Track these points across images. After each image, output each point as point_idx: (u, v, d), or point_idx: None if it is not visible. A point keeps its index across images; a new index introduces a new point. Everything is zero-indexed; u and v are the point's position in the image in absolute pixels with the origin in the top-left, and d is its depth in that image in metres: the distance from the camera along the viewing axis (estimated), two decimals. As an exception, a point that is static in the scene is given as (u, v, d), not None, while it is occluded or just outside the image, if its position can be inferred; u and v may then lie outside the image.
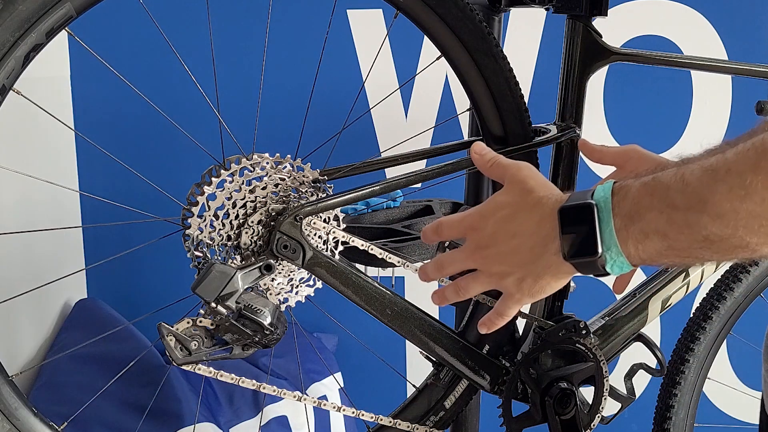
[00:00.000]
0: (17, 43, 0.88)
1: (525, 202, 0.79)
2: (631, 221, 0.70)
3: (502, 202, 0.81)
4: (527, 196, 0.79)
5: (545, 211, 0.77)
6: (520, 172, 0.82)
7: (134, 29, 1.78)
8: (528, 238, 0.78)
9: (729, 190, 0.64)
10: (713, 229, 0.66)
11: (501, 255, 0.80)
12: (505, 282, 0.81)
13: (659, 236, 0.69)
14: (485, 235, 0.81)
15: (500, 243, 0.79)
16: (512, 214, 0.79)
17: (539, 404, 1.15)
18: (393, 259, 1.10)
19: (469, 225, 0.83)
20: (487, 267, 0.82)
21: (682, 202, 0.67)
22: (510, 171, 0.82)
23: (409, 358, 1.94)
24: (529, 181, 0.80)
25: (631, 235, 0.71)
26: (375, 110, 1.79)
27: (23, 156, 1.67)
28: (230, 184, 1.01)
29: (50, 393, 1.59)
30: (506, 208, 0.80)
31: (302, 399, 1.10)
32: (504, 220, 0.79)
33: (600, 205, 0.72)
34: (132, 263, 1.91)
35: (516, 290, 0.81)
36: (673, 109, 1.88)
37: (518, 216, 0.79)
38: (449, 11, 1.03)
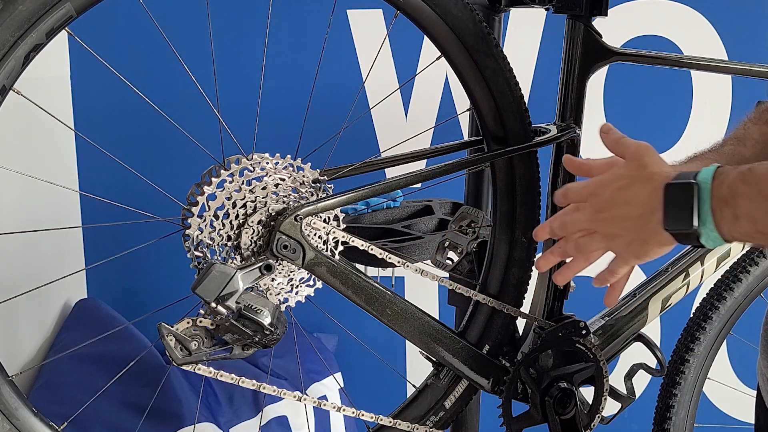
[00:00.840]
0: (17, 43, 0.88)
1: (640, 175, 0.88)
2: (726, 204, 0.79)
3: (621, 174, 0.90)
4: (643, 170, 0.89)
5: (655, 185, 0.86)
6: (640, 149, 0.91)
7: (134, 29, 1.78)
8: (638, 207, 0.87)
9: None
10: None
11: (615, 219, 0.90)
12: (616, 243, 0.91)
13: (749, 220, 0.78)
14: (603, 200, 0.91)
15: (615, 208, 0.90)
16: (628, 185, 0.89)
17: (539, 404, 1.15)
18: (393, 259, 1.10)
19: (592, 191, 0.93)
20: (602, 228, 0.92)
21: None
22: (631, 149, 0.92)
23: (409, 358, 1.94)
24: (646, 157, 0.90)
25: (724, 216, 0.80)
26: (375, 110, 1.79)
27: (23, 156, 1.67)
28: (230, 184, 1.01)
29: (50, 393, 1.59)
30: (624, 179, 0.90)
31: (302, 399, 1.10)
32: (620, 189, 0.89)
33: (701, 185, 0.81)
34: (132, 263, 1.91)
35: (625, 251, 0.91)
36: (673, 109, 1.88)
37: (633, 187, 0.88)
38: (449, 11, 1.03)
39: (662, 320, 1.89)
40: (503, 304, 1.15)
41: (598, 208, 0.92)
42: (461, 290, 1.15)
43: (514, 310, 1.16)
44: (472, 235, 1.26)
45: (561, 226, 0.98)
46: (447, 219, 1.42)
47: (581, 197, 0.95)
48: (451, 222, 1.32)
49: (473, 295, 1.15)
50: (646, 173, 0.88)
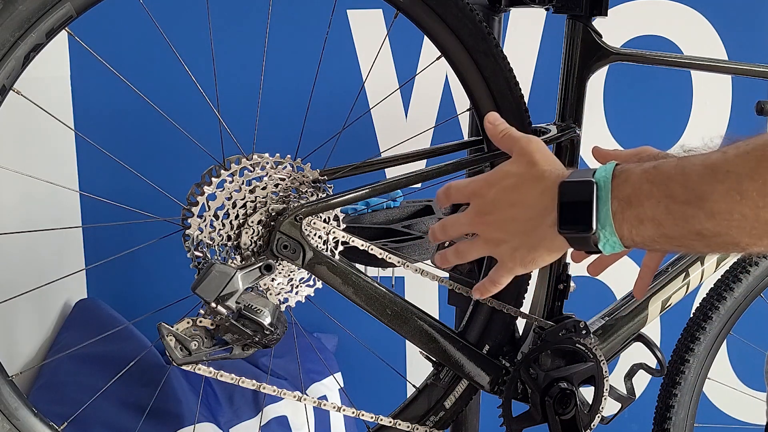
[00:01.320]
0: (17, 43, 0.88)
1: (529, 173, 0.82)
2: (629, 205, 0.72)
3: (507, 172, 0.84)
4: (532, 168, 0.82)
5: (547, 184, 0.79)
6: (530, 145, 0.84)
7: (134, 29, 1.78)
8: (527, 209, 0.80)
9: (726, 191, 0.66)
10: (707, 225, 0.68)
11: (499, 222, 0.83)
12: (500, 249, 0.84)
13: (654, 224, 0.71)
14: (487, 202, 0.84)
15: (500, 210, 0.82)
16: (515, 184, 0.82)
17: (539, 404, 1.15)
18: (393, 259, 1.10)
19: (474, 190, 0.86)
20: (485, 233, 0.85)
21: (680, 195, 0.69)
22: (519, 143, 0.85)
23: (409, 358, 1.94)
24: (536, 154, 0.83)
25: (626, 218, 0.73)
26: (375, 110, 1.79)
27: (23, 156, 1.67)
28: (230, 184, 1.01)
29: (50, 393, 1.59)
30: (510, 177, 0.83)
31: (302, 399, 1.10)
32: (507, 189, 0.82)
33: (600, 184, 0.74)
34: (132, 263, 1.91)
35: (509, 259, 0.84)
36: (673, 109, 1.88)
37: (521, 186, 0.81)
38: (449, 11, 1.03)
39: (662, 320, 1.89)
40: (503, 304, 1.15)
41: (480, 209, 0.85)
42: (461, 290, 1.15)
43: (514, 310, 1.16)
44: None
45: (441, 228, 0.91)
46: (447, 219, 1.42)
47: (464, 196, 0.88)
48: (451, 222, 1.32)
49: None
50: (536, 171, 0.81)
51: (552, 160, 0.83)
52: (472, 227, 0.86)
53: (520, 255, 0.83)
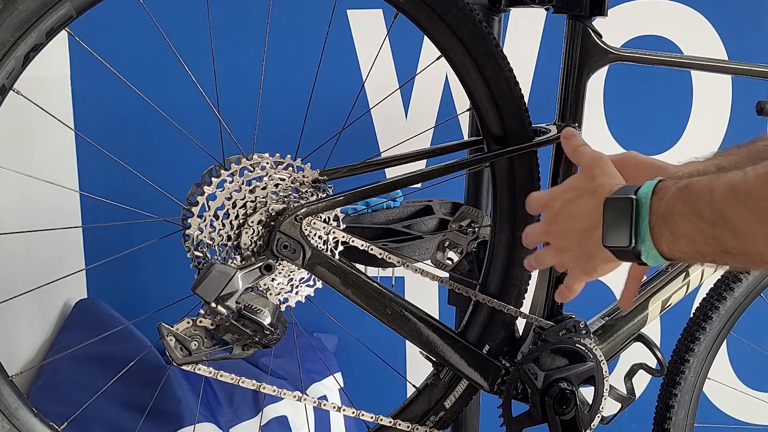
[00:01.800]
0: (17, 43, 0.88)
1: (587, 187, 0.86)
2: (665, 222, 0.75)
3: (571, 185, 0.89)
4: (590, 182, 0.86)
5: (599, 199, 0.82)
6: (593, 160, 0.89)
7: (134, 29, 1.78)
8: (583, 221, 0.85)
9: (749, 212, 0.67)
10: (734, 244, 0.69)
11: (561, 232, 0.88)
12: (565, 257, 0.89)
13: (688, 241, 0.73)
14: (553, 213, 0.90)
15: (562, 221, 0.88)
16: (576, 197, 0.87)
17: (539, 404, 1.15)
18: (393, 259, 1.10)
19: (544, 202, 0.92)
20: (553, 241, 0.91)
21: (708, 215, 0.70)
22: (585, 158, 0.91)
23: (409, 358, 1.94)
24: (596, 169, 0.87)
25: (663, 234, 0.75)
26: (375, 110, 1.79)
27: (23, 156, 1.67)
28: (230, 184, 1.01)
29: (50, 393, 1.59)
30: (573, 191, 0.88)
31: (302, 399, 1.10)
32: (568, 202, 0.87)
33: (641, 201, 0.77)
34: (132, 263, 1.91)
35: (574, 266, 0.89)
36: (673, 109, 1.88)
37: (580, 199, 0.86)
38: (449, 11, 1.03)
39: (662, 320, 1.89)
40: (503, 304, 1.15)
41: (549, 220, 0.91)
42: (461, 290, 1.15)
43: (514, 310, 1.16)
44: (472, 235, 1.26)
45: (524, 235, 0.98)
46: (447, 219, 1.42)
47: (538, 208, 0.95)
48: (451, 222, 1.32)
49: (473, 295, 1.15)
50: (593, 185, 0.86)
51: (611, 175, 0.87)
52: (544, 236, 0.92)
53: (581, 263, 0.87)
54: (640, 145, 1.87)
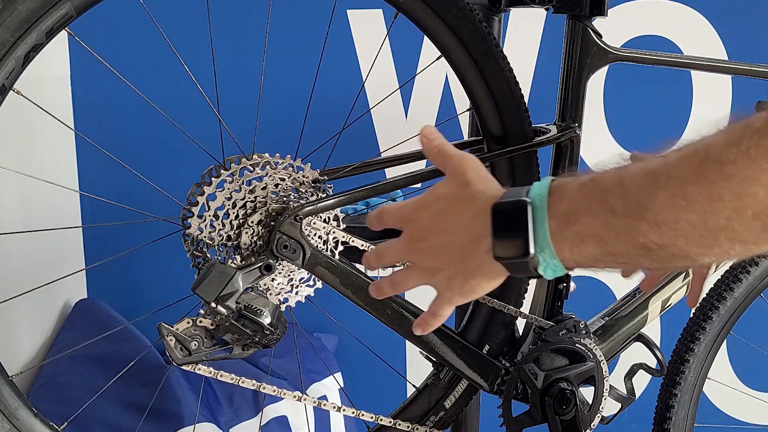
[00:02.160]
0: (17, 43, 0.89)
1: (461, 195, 0.75)
2: (567, 224, 0.67)
3: (439, 194, 0.77)
4: (464, 189, 0.75)
5: (479, 207, 0.73)
6: (462, 163, 0.78)
7: (134, 29, 1.78)
8: (460, 235, 0.74)
9: (669, 198, 0.61)
10: (652, 237, 0.63)
11: (433, 250, 0.76)
12: (435, 278, 0.78)
13: (596, 241, 0.65)
14: (419, 228, 0.78)
15: (433, 237, 0.76)
16: (447, 208, 0.76)
17: (539, 404, 1.15)
18: (393, 259, 1.10)
19: (406, 215, 0.79)
20: (419, 261, 0.79)
21: (620, 208, 0.64)
22: (452, 161, 0.79)
23: (409, 358, 1.94)
24: (469, 173, 0.76)
25: (566, 237, 0.67)
26: (375, 110, 1.79)
27: (23, 156, 1.67)
28: (230, 184, 1.01)
29: (50, 393, 1.59)
30: (443, 200, 0.77)
31: (302, 399, 1.10)
32: (439, 214, 0.76)
33: (535, 203, 0.69)
34: (132, 263, 1.91)
35: (446, 288, 0.78)
36: (673, 109, 1.88)
37: (453, 210, 0.75)
38: (449, 11, 1.03)
39: (662, 320, 1.89)
40: (503, 304, 1.15)
41: (413, 236, 0.78)
42: (461, 290, 1.15)
43: (514, 310, 1.16)
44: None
45: (376, 256, 0.84)
46: (447, 219, 1.42)
47: (396, 221, 0.81)
48: (451, 222, 1.32)
49: (473, 295, 1.15)
50: (469, 192, 0.75)
51: (486, 179, 0.76)
52: (406, 255, 0.80)
53: (457, 284, 0.76)
54: (640, 145, 1.87)
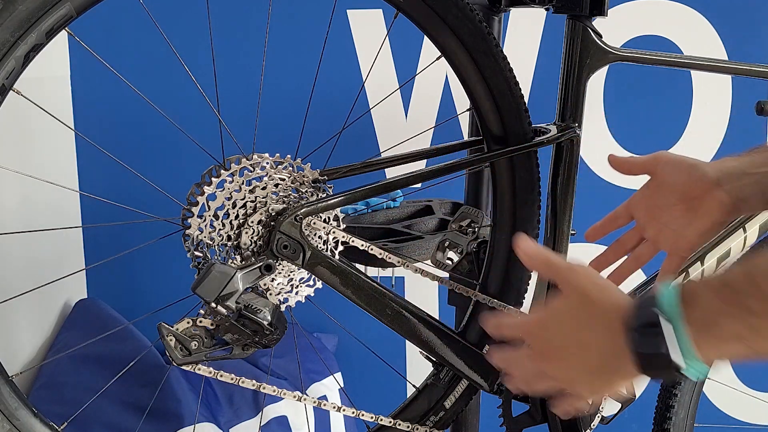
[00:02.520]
0: (17, 43, 0.88)
1: (585, 311, 0.75)
2: (707, 329, 0.67)
3: (561, 310, 0.77)
4: (586, 304, 0.75)
5: (610, 323, 0.72)
6: (576, 277, 0.77)
7: (134, 29, 1.78)
8: (597, 354, 0.74)
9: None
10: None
11: (569, 367, 0.76)
12: (574, 385, 0.79)
13: (738, 341, 0.66)
14: (550, 345, 0.77)
15: (568, 354, 0.76)
16: (575, 327, 0.75)
17: (539, 404, 1.15)
18: (393, 259, 1.10)
19: (531, 332, 0.79)
20: (556, 374, 0.78)
21: (758, 308, 0.65)
22: (563, 275, 0.78)
23: (409, 358, 1.94)
24: (586, 286, 0.76)
25: (707, 342, 0.68)
26: (375, 110, 1.79)
27: (23, 156, 1.67)
28: (230, 184, 1.01)
29: (50, 393, 1.59)
30: (567, 318, 0.76)
31: (302, 399, 1.10)
32: (568, 334, 0.76)
33: (669, 315, 0.68)
34: (132, 263, 1.91)
35: (584, 391, 0.80)
36: (673, 109, 1.88)
37: (582, 329, 0.75)
38: (449, 11, 1.03)
39: (662, 320, 1.88)
40: (503, 304, 1.15)
41: (544, 353, 0.78)
42: (461, 290, 1.15)
43: (514, 310, 1.16)
44: (472, 235, 1.26)
45: (506, 362, 0.83)
46: (447, 219, 1.42)
47: (520, 336, 0.81)
48: (451, 222, 1.32)
49: (473, 295, 1.15)
50: (592, 307, 0.74)
51: (605, 288, 0.76)
52: (541, 369, 0.79)
53: (596, 388, 0.79)
54: (640, 145, 1.87)
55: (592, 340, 0.74)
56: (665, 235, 0.97)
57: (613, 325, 0.71)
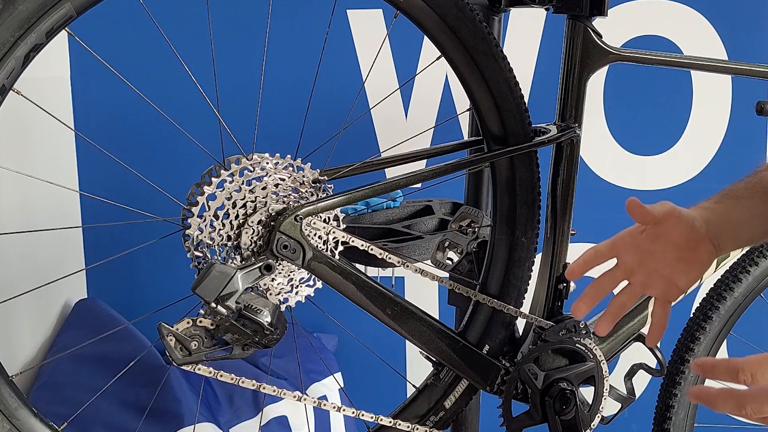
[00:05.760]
0: (17, 43, 0.88)
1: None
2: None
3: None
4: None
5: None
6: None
7: (134, 29, 1.78)
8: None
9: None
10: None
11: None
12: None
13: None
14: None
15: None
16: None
17: (539, 404, 1.15)
18: (393, 259, 1.10)
19: (754, 370, 0.82)
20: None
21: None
22: (754, 367, 0.81)
23: (409, 358, 1.94)
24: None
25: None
26: (375, 110, 1.79)
27: (23, 156, 1.67)
28: (230, 184, 1.01)
29: (50, 393, 1.59)
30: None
31: (302, 399, 1.10)
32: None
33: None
34: (132, 263, 1.91)
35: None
36: (673, 109, 1.88)
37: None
38: (449, 11, 1.03)
39: (662, 320, 1.88)
40: (503, 305, 1.15)
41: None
42: (461, 290, 1.15)
43: (514, 310, 1.16)
44: (472, 235, 1.26)
45: (737, 405, 0.84)
46: (447, 219, 1.42)
47: (733, 377, 0.83)
48: (451, 222, 1.32)
49: (473, 295, 1.15)
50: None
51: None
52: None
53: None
54: (640, 145, 1.88)
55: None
56: (655, 282, 1.00)
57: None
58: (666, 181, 1.87)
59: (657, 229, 0.99)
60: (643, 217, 0.98)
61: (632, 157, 1.88)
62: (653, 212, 0.98)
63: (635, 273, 1.00)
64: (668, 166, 1.87)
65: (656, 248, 0.98)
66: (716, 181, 1.86)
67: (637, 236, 1.00)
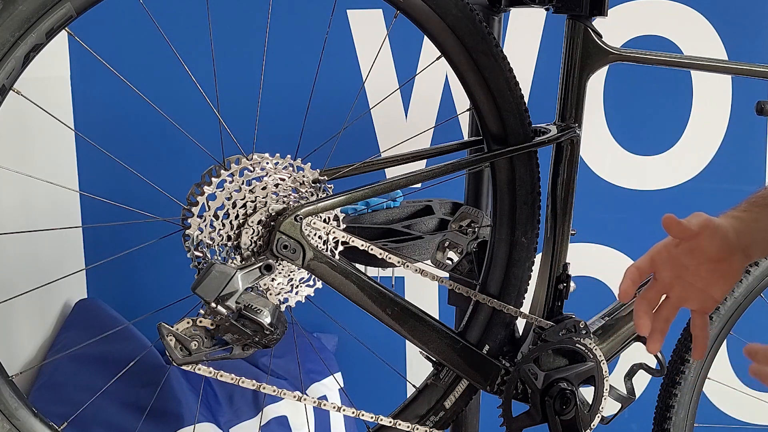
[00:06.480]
0: (17, 43, 0.88)
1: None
2: None
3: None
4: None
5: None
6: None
7: (134, 29, 1.78)
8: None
9: None
10: None
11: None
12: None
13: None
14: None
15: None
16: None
17: (539, 404, 1.15)
18: (393, 259, 1.10)
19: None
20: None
21: None
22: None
23: (409, 358, 1.94)
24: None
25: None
26: (375, 110, 1.79)
27: (23, 156, 1.67)
28: (230, 184, 1.01)
29: (50, 393, 1.59)
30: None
31: (302, 399, 1.10)
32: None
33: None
34: (132, 263, 1.91)
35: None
36: (673, 109, 1.88)
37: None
38: (449, 11, 1.03)
39: (662, 320, 1.88)
40: (503, 304, 1.15)
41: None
42: (461, 290, 1.15)
43: (514, 310, 1.16)
44: (472, 235, 1.26)
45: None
46: (447, 219, 1.42)
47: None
48: (451, 222, 1.32)
49: (473, 295, 1.15)
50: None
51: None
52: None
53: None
54: (641, 145, 1.88)
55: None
56: (691, 295, 1.01)
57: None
58: (666, 181, 1.87)
59: (692, 243, 1.00)
60: (681, 233, 0.99)
61: (632, 157, 1.88)
62: (690, 227, 0.99)
63: (673, 287, 1.01)
64: (668, 166, 1.87)
65: (691, 262, 0.99)
66: (716, 181, 1.87)
67: (672, 249, 1.00)
